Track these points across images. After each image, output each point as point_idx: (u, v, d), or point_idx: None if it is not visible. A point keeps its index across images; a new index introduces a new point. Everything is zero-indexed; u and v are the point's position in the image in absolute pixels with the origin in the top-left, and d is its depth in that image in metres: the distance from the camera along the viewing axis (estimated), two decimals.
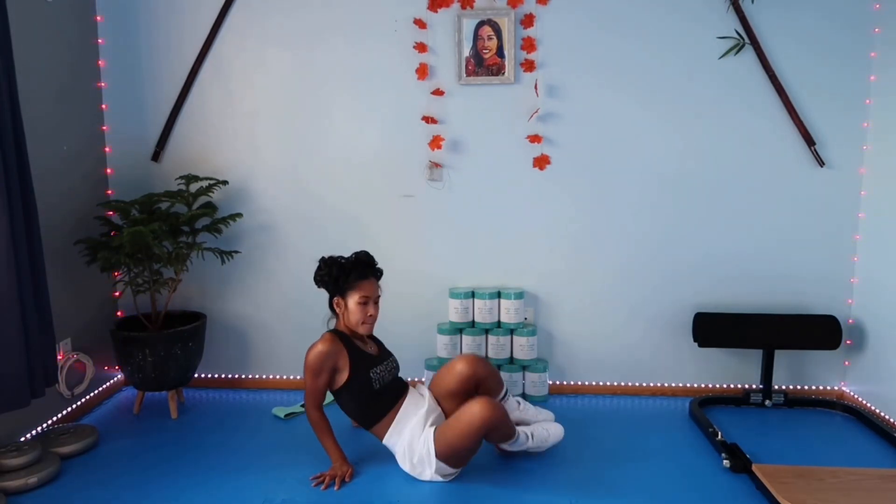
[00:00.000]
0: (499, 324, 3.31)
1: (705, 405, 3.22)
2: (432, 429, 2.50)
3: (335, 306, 2.68)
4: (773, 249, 3.26)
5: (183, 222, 3.11)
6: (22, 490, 2.44)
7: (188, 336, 3.10)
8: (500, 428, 2.45)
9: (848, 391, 3.32)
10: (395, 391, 2.63)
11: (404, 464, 2.54)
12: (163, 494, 2.44)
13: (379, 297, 2.69)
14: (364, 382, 2.55)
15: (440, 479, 2.49)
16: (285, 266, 3.43)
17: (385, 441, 2.59)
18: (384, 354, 2.71)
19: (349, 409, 2.65)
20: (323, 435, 2.57)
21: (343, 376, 2.55)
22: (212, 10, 3.27)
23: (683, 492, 2.45)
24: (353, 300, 2.62)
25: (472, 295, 3.30)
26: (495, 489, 2.47)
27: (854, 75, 3.12)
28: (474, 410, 2.38)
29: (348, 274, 2.62)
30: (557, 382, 3.42)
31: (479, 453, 2.70)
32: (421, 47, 3.22)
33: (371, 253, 2.74)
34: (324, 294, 3.43)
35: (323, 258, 2.70)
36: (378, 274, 2.71)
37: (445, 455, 2.44)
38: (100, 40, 3.32)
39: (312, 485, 2.49)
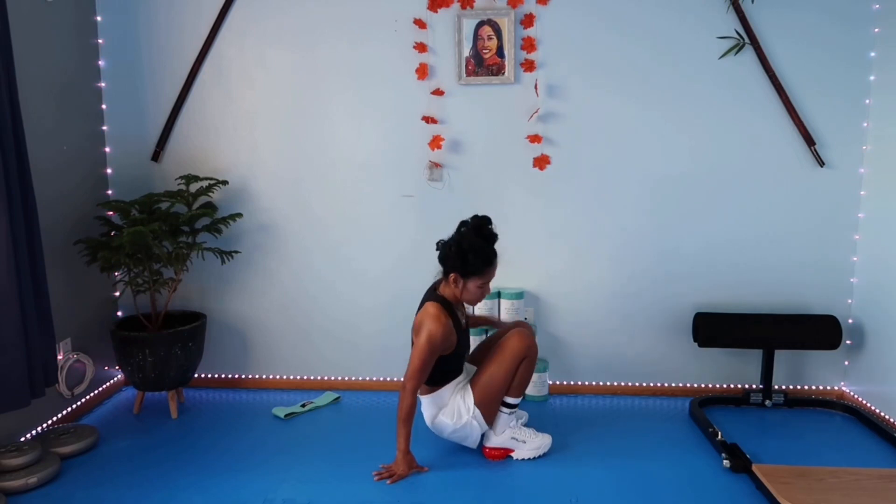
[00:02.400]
0: None
1: (705, 405, 3.22)
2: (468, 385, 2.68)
3: (452, 280, 2.59)
4: (773, 249, 3.26)
5: (183, 222, 3.11)
6: (22, 490, 2.44)
7: (188, 336, 3.10)
8: (534, 357, 2.64)
9: (848, 391, 3.32)
10: (463, 360, 2.78)
11: (444, 415, 2.64)
12: (163, 494, 2.44)
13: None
14: (460, 357, 2.68)
15: (476, 425, 2.62)
16: (285, 266, 3.43)
17: (430, 396, 2.67)
18: (466, 323, 2.77)
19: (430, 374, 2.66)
20: (407, 422, 2.54)
21: (445, 351, 2.60)
22: (212, 9, 3.27)
23: (683, 492, 2.45)
24: (473, 283, 2.58)
25: None
26: (496, 489, 2.47)
27: (854, 75, 3.12)
28: (514, 343, 2.60)
29: (480, 263, 2.55)
30: (557, 382, 3.42)
31: (477, 456, 2.71)
32: (421, 47, 3.22)
33: (485, 223, 2.62)
34: (324, 291, 3.45)
35: (447, 242, 2.59)
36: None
37: (482, 396, 2.61)
38: (100, 40, 3.32)
39: (375, 479, 2.52)
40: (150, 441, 2.90)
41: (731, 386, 3.37)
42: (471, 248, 2.54)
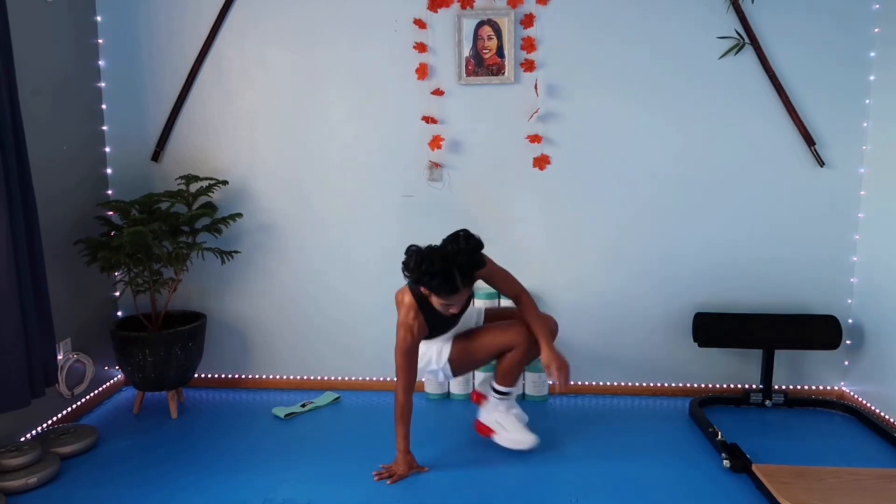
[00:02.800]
0: None
1: (705, 405, 3.22)
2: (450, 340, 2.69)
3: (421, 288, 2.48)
4: (773, 249, 3.26)
5: (183, 222, 3.11)
6: (22, 490, 2.44)
7: (188, 336, 3.10)
8: (522, 350, 2.65)
9: (848, 391, 3.31)
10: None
11: (422, 356, 2.67)
12: (163, 494, 2.45)
13: (468, 296, 2.53)
14: (436, 335, 2.68)
15: (442, 375, 2.75)
16: (285, 266, 3.43)
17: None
18: (464, 308, 2.61)
19: None
20: (401, 421, 2.54)
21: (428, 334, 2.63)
22: (212, 9, 3.27)
23: (683, 492, 2.45)
24: (436, 299, 2.44)
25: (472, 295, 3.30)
26: (496, 489, 2.48)
27: (854, 75, 3.12)
28: (513, 329, 2.64)
29: (438, 287, 2.37)
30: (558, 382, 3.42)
31: (478, 456, 2.71)
32: (421, 47, 3.22)
33: (470, 241, 2.42)
34: (324, 291, 3.45)
35: (416, 254, 2.39)
36: (473, 280, 2.45)
37: (458, 355, 2.67)
38: (100, 40, 3.32)
39: (375, 479, 2.52)
40: (150, 441, 2.90)
41: (731, 386, 3.37)
42: (427, 272, 2.36)
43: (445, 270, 2.35)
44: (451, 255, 2.38)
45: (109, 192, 3.40)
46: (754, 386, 3.32)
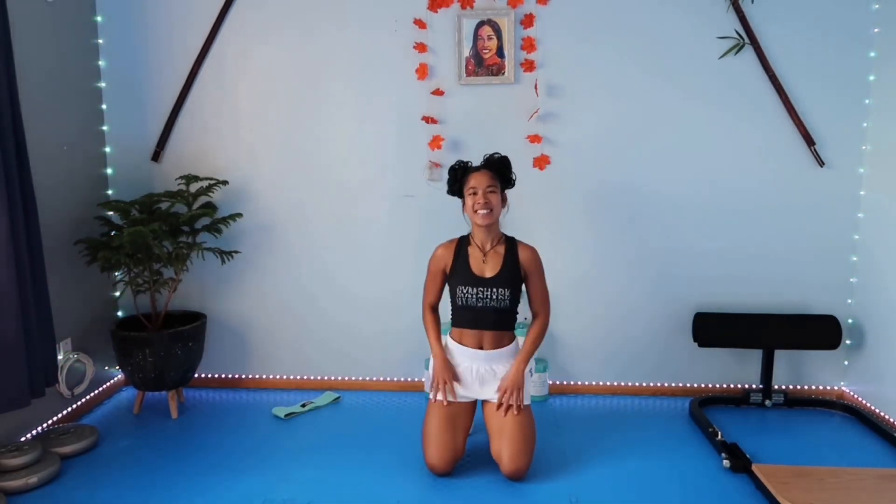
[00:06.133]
0: None
1: (705, 405, 3.22)
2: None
3: (463, 209, 2.75)
4: (773, 249, 3.26)
5: (183, 222, 3.11)
6: (22, 490, 2.44)
7: (188, 336, 3.10)
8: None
9: (848, 391, 3.32)
10: (477, 320, 2.67)
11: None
12: (163, 494, 2.44)
13: (493, 188, 2.64)
14: (453, 290, 2.71)
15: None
16: (285, 266, 3.43)
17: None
18: (492, 282, 2.64)
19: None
20: (429, 333, 2.78)
21: (446, 270, 2.74)
22: (212, 9, 3.27)
23: (683, 492, 2.45)
24: (466, 194, 2.69)
25: None
26: (496, 490, 2.48)
27: (853, 75, 3.12)
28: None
29: (459, 173, 2.73)
30: (557, 382, 3.42)
31: (477, 457, 2.70)
32: (421, 47, 3.22)
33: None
34: (324, 292, 3.45)
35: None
36: (493, 167, 2.71)
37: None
38: (100, 40, 3.32)
39: (432, 398, 2.66)
40: (150, 441, 2.90)
41: (731, 386, 3.37)
42: (453, 166, 2.77)
43: (464, 161, 2.78)
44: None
45: (109, 192, 3.40)
46: (754, 386, 3.32)
